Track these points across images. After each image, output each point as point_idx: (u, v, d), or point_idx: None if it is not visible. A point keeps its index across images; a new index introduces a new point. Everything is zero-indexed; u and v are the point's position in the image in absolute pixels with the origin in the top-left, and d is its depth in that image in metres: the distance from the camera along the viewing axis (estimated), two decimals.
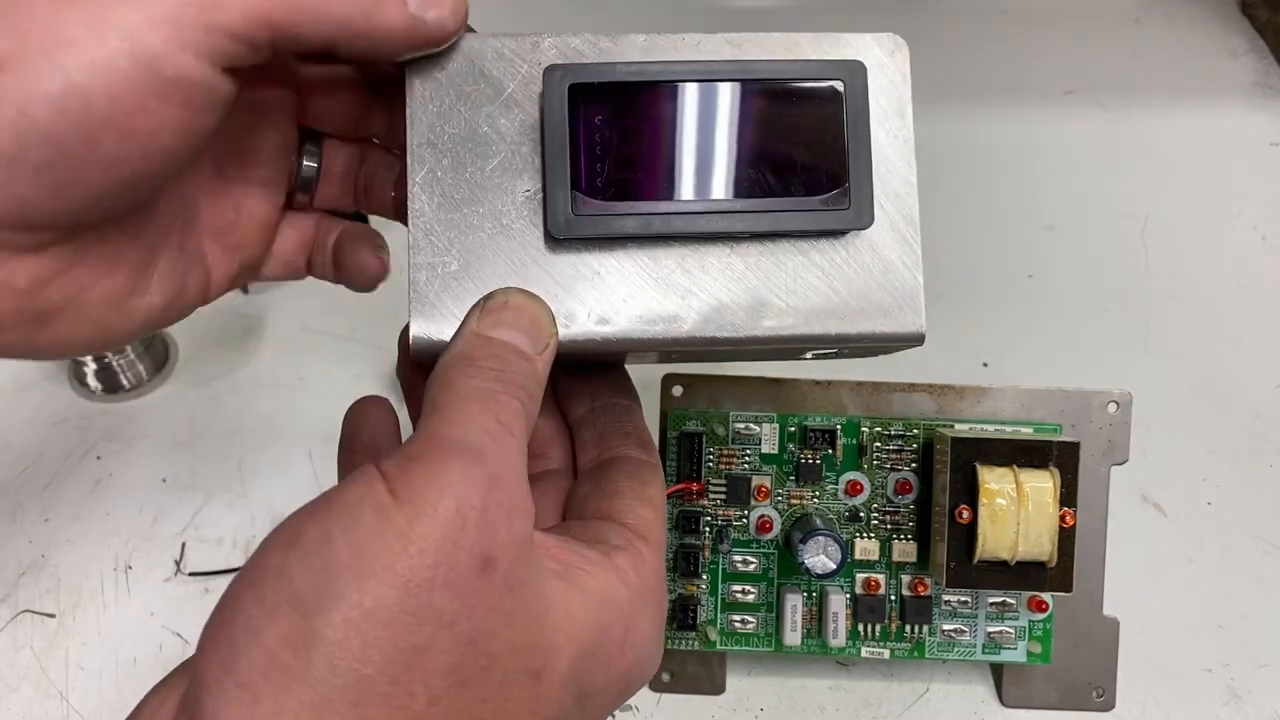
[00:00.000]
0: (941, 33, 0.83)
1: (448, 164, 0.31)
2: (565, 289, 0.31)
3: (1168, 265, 0.65)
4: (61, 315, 0.29)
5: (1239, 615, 0.48)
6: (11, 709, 0.45)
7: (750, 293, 0.31)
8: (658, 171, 0.30)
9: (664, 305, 0.31)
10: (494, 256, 0.31)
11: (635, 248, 0.31)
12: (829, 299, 0.31)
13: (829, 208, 0.31)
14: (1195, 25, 0.85)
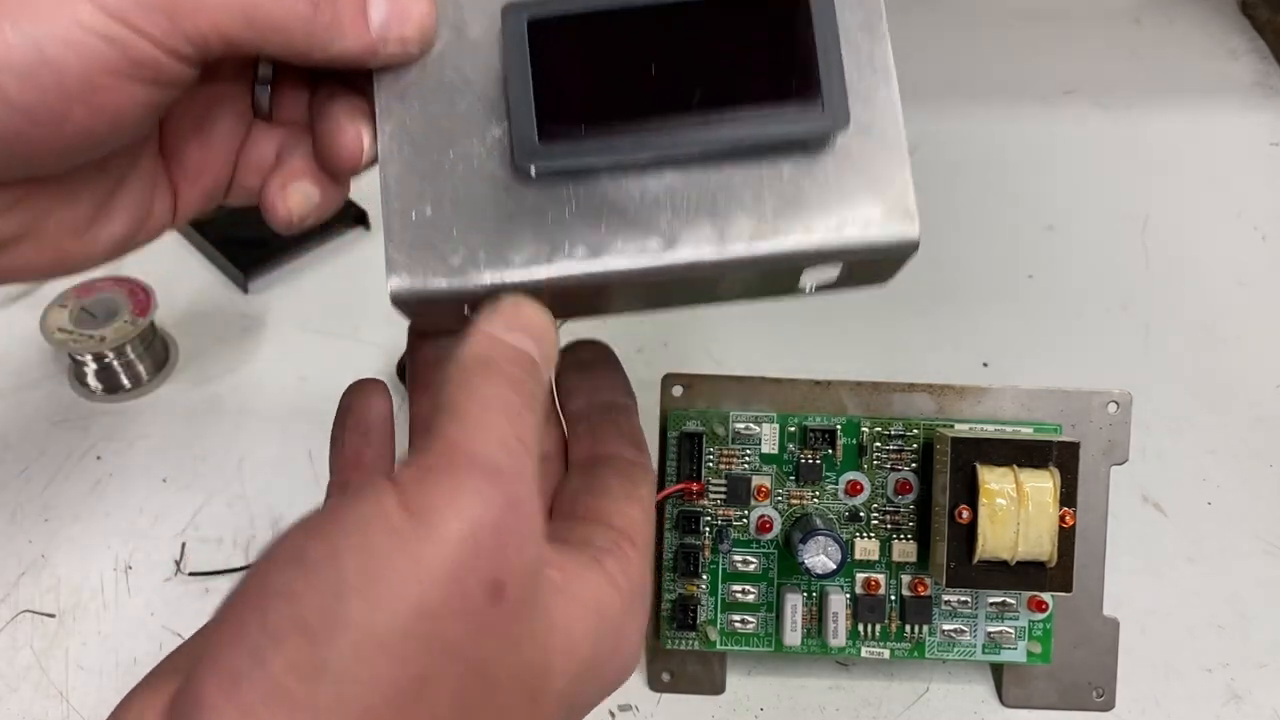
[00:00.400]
0: (941, 33, 0.83)
1: (416, 112, 0.31)
2: (544, 225, 0.30)
3: (1168, 265, 0.65)
4: (19, 243, 0.29)
5: (1239, 615, 0.48)
6: (11, 709, 0.45)
7: (731, 207, 0.30)
8: (623, 96, 0.30)
9: (647, 233, 0.30)
10: (468, 199, 0.30)
11: (609, 177, 0.30)
12: (815, 211, 0.30)
13: (803, 113, 0.29)
14: (1195, 25, 0.85)
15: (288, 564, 0.23)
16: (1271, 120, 0.76)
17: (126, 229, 0.32)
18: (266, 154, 0.33)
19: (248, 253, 0.63)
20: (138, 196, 0.31)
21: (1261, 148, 0.74)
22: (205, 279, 0.64)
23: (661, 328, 0.61)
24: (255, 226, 0.70)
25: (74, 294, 0.57)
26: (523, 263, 0.30)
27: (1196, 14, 0.86)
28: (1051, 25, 0.85)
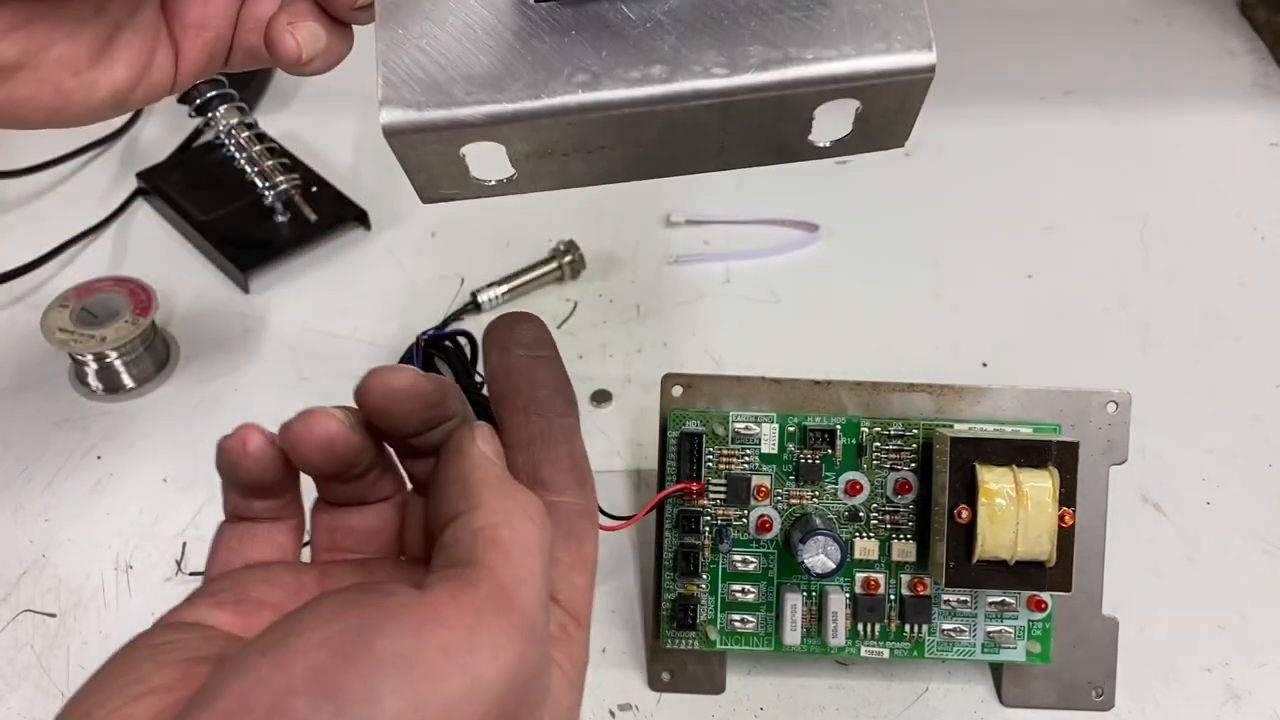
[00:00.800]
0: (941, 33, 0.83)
1: None
2: (542, 52, 0.29)
3: (1167, 265, 0.65)
4: (18, 73, 0.29)
5: (1238, 615, 0.48)
6: (12, 708, 0.45)
7: (736, 29, 0.29)
8: None
9: (649, 60, 0.28)
10: (465, 25, 0.29)
11: (609, 1, 0.29)
12: (824, 38, 0.28)
13: None
14: (1194, 26, 0.85)
15: (316, 696, 0.21)
16: (1270, 120, 0.76)
17: (127, 76, 0.31)
18: (267, 10, 0.32)
19: (248, 253, 0.64)
20: (138, 44, 0.31)
21: (1260, 148, 0.74)
22: (206, 279, 0.64)
23: (661, 328, 0.61)
24: (256, 227, 0.70)
25: (75, 294, 0.57)
26: (520, 92, 0.28)
27: (1195, 14, 0.86)
28: (1051, 25, 0.85)
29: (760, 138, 0.31)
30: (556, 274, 0.63)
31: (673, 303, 0.63)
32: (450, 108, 0.28)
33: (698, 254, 0.66)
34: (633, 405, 0.57)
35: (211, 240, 0.64)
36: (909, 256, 0.66)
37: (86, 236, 0.66)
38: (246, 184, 0.65)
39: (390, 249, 0.66)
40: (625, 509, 0.52)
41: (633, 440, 0.56)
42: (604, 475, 0.53)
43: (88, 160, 0.73)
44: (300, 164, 0.69)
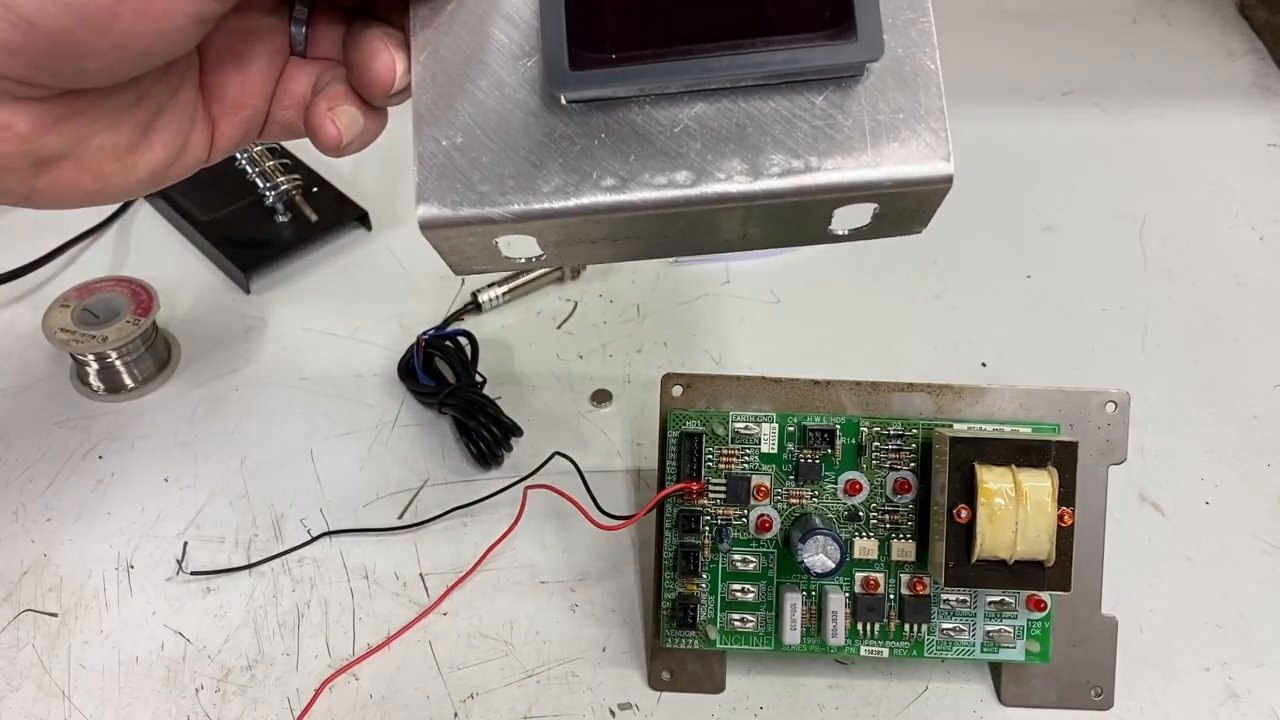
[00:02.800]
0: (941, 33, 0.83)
1: (449, 41, 0.31)
2: (573, 154, 0.30)
3: (1166, 265, 0.66)
4: (62, 162, 0.30)
5: (1237, 614, 0.49)
6: (14, 708, 0.45)
7: (762, 139, 0.30)
8: (656, 24, 0.29)
9: (676, 165, 0.30)
10: (499, 127, 0.30)
11: (641, 107, 0.30)
12: (847, 146, 0.29)
13: (835, 41, 0.29)
14: (1193, 26, 0.85)
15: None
16: (1269, 121, 0.76)
17: (165, 157, 0.32)
18: (302, 88, 0.34)
19: (249, 253, 0.64)
20: (177, 126, 0.32)
21: (1259, 148, 0.74)
22: (207, 279, 0.64)
23: (661, 328, 0.61)
24: (257, 227, 0.70)
25: (76, 294, 0.57)
26: (550, 191, 0.30)
27: (1194, 15, 0.86)
28: (1050, 26, 0.85)
29: (781, 230, 0.32)
30: (557, 274, 0.63)
31: (673, 303, 0.63)
32: (482, 206, 0.30)
33: None
34: (633, 405, 0.57)
35: (212, 240, 0.64)
36: (909, 256, 0.66)
37: (88, 236, 0.66)
38: (247, 184, 0.65)
39: (390, 249, 0.66)
40: (625, 509, 0.52)
41: (633, 440, 0.56)
42: (604, 475, 0.53)
43: None
44: (301, 164, 0.69)
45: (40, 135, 0.29)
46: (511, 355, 0.60)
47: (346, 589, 0.49)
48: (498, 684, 0.46)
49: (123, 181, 0.32)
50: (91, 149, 0.30)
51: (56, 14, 0.26)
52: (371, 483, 0.54)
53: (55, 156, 0.29)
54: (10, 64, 0.26)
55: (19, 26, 0.26)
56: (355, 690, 0.46)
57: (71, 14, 0.26)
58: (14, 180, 0.29)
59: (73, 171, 0.30)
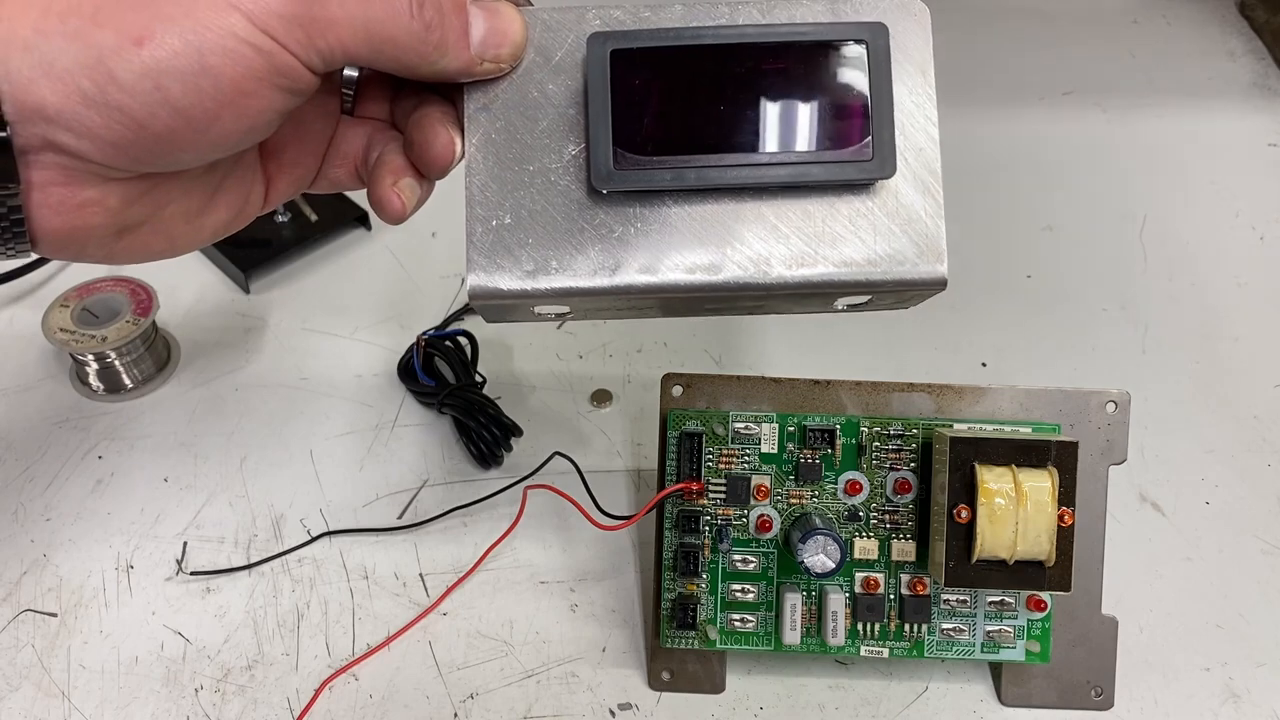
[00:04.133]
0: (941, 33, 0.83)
1: (500, 126, 0.34)
2: (608, 239, 0.33)
3: (1166, 265, 0.65)
4: (141, 228, 0.32)
5: (1237, 614, 0.49)
6: (13, 707, 0.45)
7: (781, 241, 0.33)
8: (693, 129, 0.33)
9: (701, 254, 0.33)
10: (544, 210, 0.33)
11: (674, 201, 0.33)
12: (855, 246, 0.33)
13: (853, 159, 0.33)
14: (1193, 26, 0.85)
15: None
16: (1269, 121, 0.76)
17: (228, 216, 0.35)
18: (353, 148, 0.37)
19: (249, 253, 0.64)
20: (240, 188, 0.35)
21: (1259, 148, 0.74)
22: (207, 279, 0.64)
23: (661, 328, 0.61)
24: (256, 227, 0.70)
25: (76, 294, 0.57)
26: (587, 272, 0.33)
27: (1194, 15, 0.86)
28: (1050, 26, 0.85)
29: (790, 306, 0.36)
30: None
31: None
32: (526, 283, 0.33)
33: None
34: (633, 405, 0.57)
35: None
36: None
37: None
38: None
39: (390, 249, 0.66)
40: (625, 509, 0.52)
41: (633, 440, 0.56)
42: (604, 475, 0.53)
43: None
44: None
45: (126, 208, 0.31)
46: (511, 355, 0.60)
47: (346, 589, 0.49)
48: (498, 684, 0.46)
49: (190, 240, 0.34)
50: (166, 215, 0.33)
51: (166, 118, 0.28)
52: (371, 483, 0.54)
53: (135, 224, 0.32)
54: (115, 157, 0.29)
55: (130, 127, 0.28)
56: (355, 690, 0.46)
57: (180, 117, 0.28)
58: (97, 246, 0.32)
59: (148, 235, 0.33)
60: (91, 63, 0.27)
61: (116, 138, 0.28)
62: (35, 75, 0.27)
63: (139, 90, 0.28)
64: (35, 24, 0.27)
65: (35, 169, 0.29)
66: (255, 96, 0.29)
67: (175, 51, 0.28)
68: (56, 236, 0.31)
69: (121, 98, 0.28)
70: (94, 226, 0.31)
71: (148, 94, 0.28)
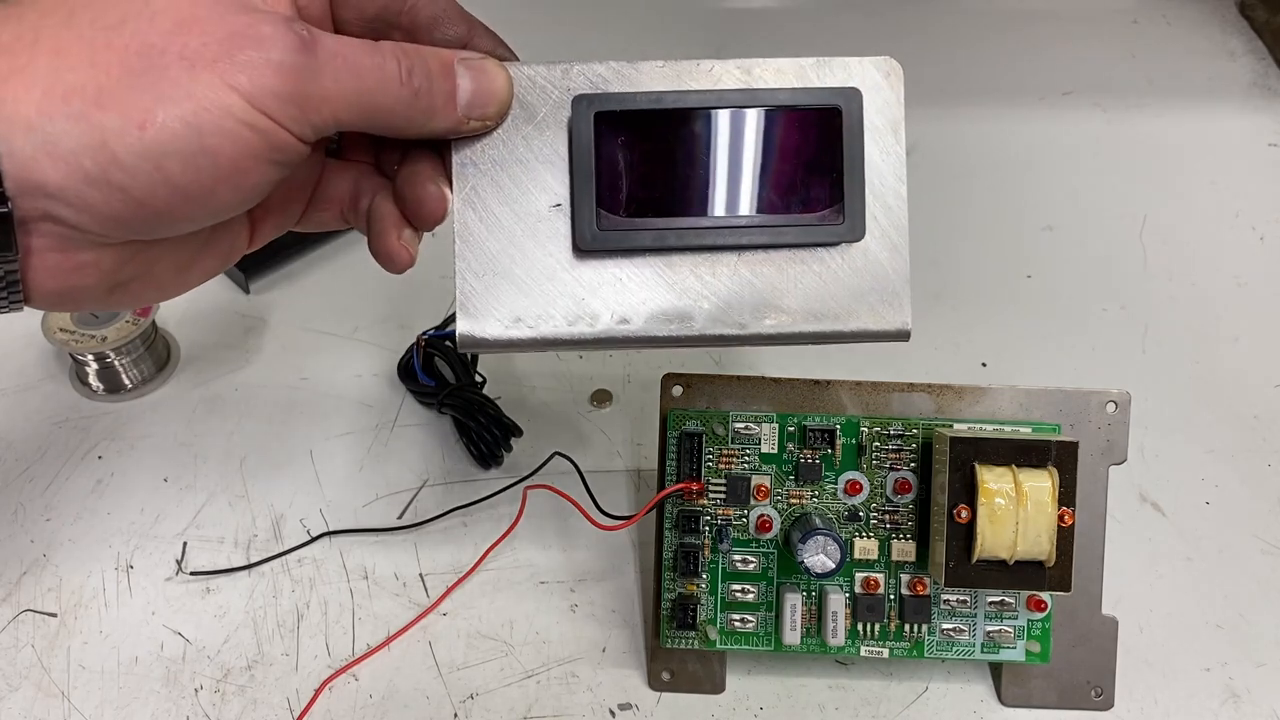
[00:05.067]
0: (941, 33, 0.83)
1: (487, 181, 0.35)
2: (590, 292, 0.35)
3: (1166, 265, 0.65)
4: (132, 283, 0.33)
5: (1238, 614, 0.49)
6: (13, 708, 0.45)
7: (755, 295, 0.35)
8: (673, 190, 0.35)
9: (677, 307, 0.35)
10: (527, 263, 0.35)
11: (653, 256, 0.35)
12: (825, 301, 0.35)
13: (825, 223, 0.35)
14: (1193, 26, 0.85)
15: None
16: (1269, 121, 0.76)
17: (215, 264, 0.36)
18: (339, 191, 0.37)
19: (249, 253, 0.63)
20: (227, 239, 0.36)
21: (1259, 148, 0.74)
22: None
23: None
24: None
25: None
26: (567, 322, 0.35)
27: (1195, 15, 0.86)
28: (1051, 26, 0.85)
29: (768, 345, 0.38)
30: None
31: None
32: (510, 331, 0.35)
33: None
34: (633, 405, 0.57)
35: None
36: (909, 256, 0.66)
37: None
38: None
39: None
40: (625, 509, 0.52)
41: (633, 440, 0.56)
42: (604, 475, 0.53)
43: None
44: None
45: (119, 269, 0.32)
46: (512, 355, 0.60)
47: (346, 589, 0.49)
48: (498, 684, 0.46)
49: (179, 287, 0.35)
50: (157, 271, 0.34)
51: (165, 195, 0.29)
52: (371, 483, 0.54)
53: (127, 281, 0.33)
54: (112, 229, 0.30)
55: (129, 204, 0.29)
56: (355, 690, 0.46)
57: (178, 194, 0.29)
58: (90, 301, 0.33)
59: (139, 288, 0.34)
60: (95, 145, 0.28)
61: (115, 213, 0.29)
62: (38, 154, 0.28)
63: (140, 170, 0.28)
64: (39, 105, 0.28)
65: (34, 236, 0.29)
66: (251, 172, 0.30)
67: (176, 134, 0.28)
68: (51, 295, 0.31)
69: (122, 177, 0.28)
70: (88, 286, 0.32)
71: (148, 174, 0.28)
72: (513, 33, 0.36)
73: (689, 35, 0.84)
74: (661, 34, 0.84)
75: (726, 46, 0.83)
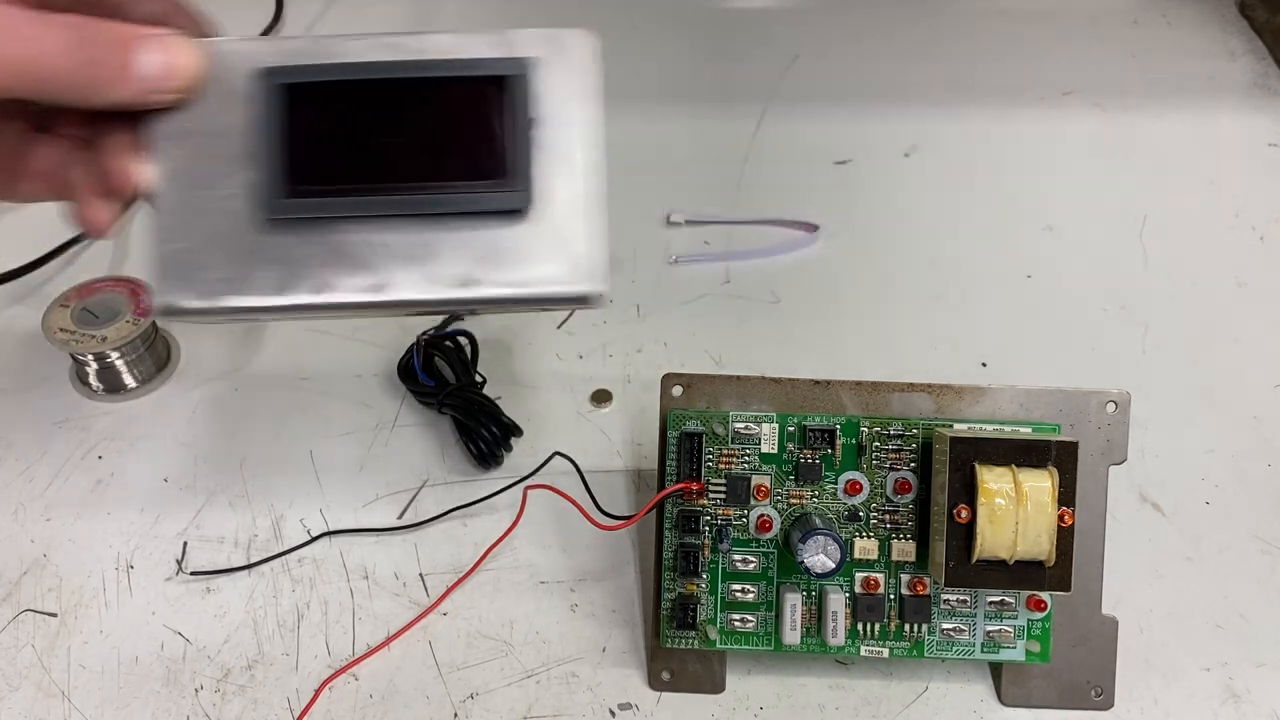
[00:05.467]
0: (941, 33, 0.83)
1: (184, 154, 0.36)
2: (283, 263, 0.36)
3: (1166, 265, 0.65)
4: None
5: (1237, 614, 0.49)
6: (13, 707, 0.45)
7: (444, 262, 0.36)
8: (358, 160, 0.35)
9: (370, 276, 0.36)
10: (224, 234, 0.36)
11: (340, 227, 0.36)
12: (510, 265, 0.36)
13: (498, 189, 0.35)
14: (1193, 26, 0.85)
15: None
16: (1269, 121, 0.76)
17: None
18: (47, 164, 0.37)
19: None
20: None
21: (1259, 148, 0.74)
22: None
23: (661, 328, 0.61)
24: None
25: (76, 294, 0.57)
26: (262, 292, 0.36)
27: (1194, 15, 0.86)
28: (1050, 26, 0.85)
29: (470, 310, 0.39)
30: None
31: (673, 303, 0.63)
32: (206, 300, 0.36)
33: (698, 254, 0.66)
34: (633, 405, 0.57)
35: None
36: (909, 256, 0.66)
37: (88, 236, 0.66)
38: None
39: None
40: (625, 509, 0.52)
41: (633, 440, 0.56)
42: (604, 475, 0.53)
43: None
44: None
45: None
46: (511, 355, 0.60)
47: (346, 589, 0.49)
48: (498, 684, 0.46)
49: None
50: None
51: None
52: (371, 483, 0.54)
53: None
54: None
55: None
56: (355, 690, 0.46)
57: None
58: None
59: None
60: None
61: None
62: None
63: None
64: None
65: None
66: None
67: None
68: None
69: None
70: None
71: None
72: None
73: (689, 35, 0.84)
74: (662, 34, 0.84)
75: (727, 46, 0.83)
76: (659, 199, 0.69)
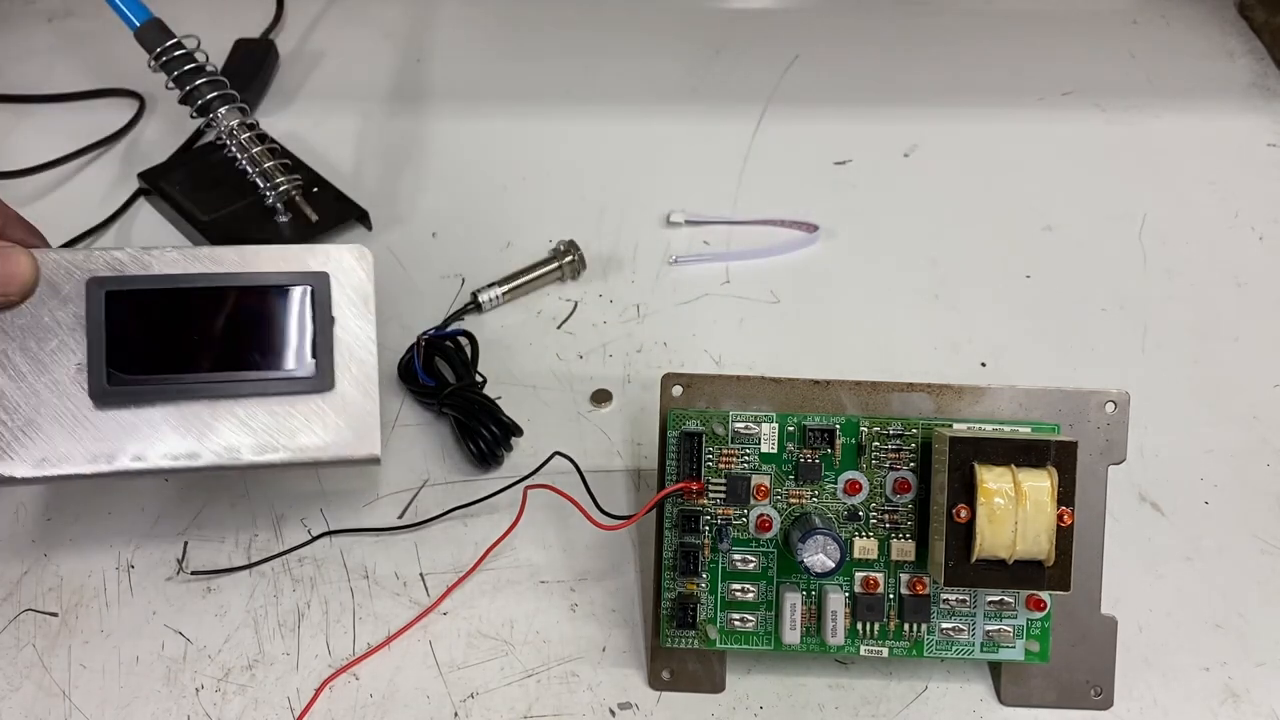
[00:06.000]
0: (941, 33, 0.84)
1: (16, 346, 0.42)
2: (110, 438, 0.43)
3: (1165, 265, 0.66)
4: None
5: (1237, 614, 0.49)
6: (14, 707, 0.45)
7: (251, 434, 0.44)
8: (175, 352, 0.43)
9: (184, 446, 0.43)
10: (52, 413, 0.43)
11: (162, 404, 0.43)
12: (309, 436, 0.44)
13: (305, 376, 0.44)
14: (1193, 27, 0.85)
15: None
16: (1268, 121, 0.76)
17: None
18: None
19: None
20: None
21: (1259, 148, 0.74)
22: None
23: (661, 328, 0.62)
24: (257, 227, 0.70)
25: None
26: (88, 462, 0.43)
27: (1194, 15, 0.86)
28: (1050, 27, 0.85)
29: None
30: (557, 274, 0.64)
31: (673, 303, 0.63)
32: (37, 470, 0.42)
33: (698, 254, 0.66)
34: (633, 405, 0.57)
35: (213, 240, 0.64)
36: (909, 256, 0.66)
37: (89, 236, 0.67)
38: (248, 184, 0.65)
39: (390, 249, 0.66)
40: (625, 509, 0.52)
41: (633, 440, 0.56)
42: (604, 475, 0.53)
43: (90, 160, 0.73)
44: (301, 164, 0.69)
45: None
46: (511, 355, 0.60)
47: (346, 589, 0.49)
48: (498, 684, 0.46)
49: None
50: None
51: None
52: (371, 483, 0.54)
53: None
54: None
55: None
56: (355, 690, 0.46)
57: None
58: None
59: None
60: None
61: None
62: None
63: None
64: None
65: None
66: None
67: None
68: None
69: None
70: None
71: None
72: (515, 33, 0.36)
73: (689, 35, 0.84)
74: (662, 34, 0.84)
75: (726, 46, 0.83)
76: (659, 199, 0.69)
